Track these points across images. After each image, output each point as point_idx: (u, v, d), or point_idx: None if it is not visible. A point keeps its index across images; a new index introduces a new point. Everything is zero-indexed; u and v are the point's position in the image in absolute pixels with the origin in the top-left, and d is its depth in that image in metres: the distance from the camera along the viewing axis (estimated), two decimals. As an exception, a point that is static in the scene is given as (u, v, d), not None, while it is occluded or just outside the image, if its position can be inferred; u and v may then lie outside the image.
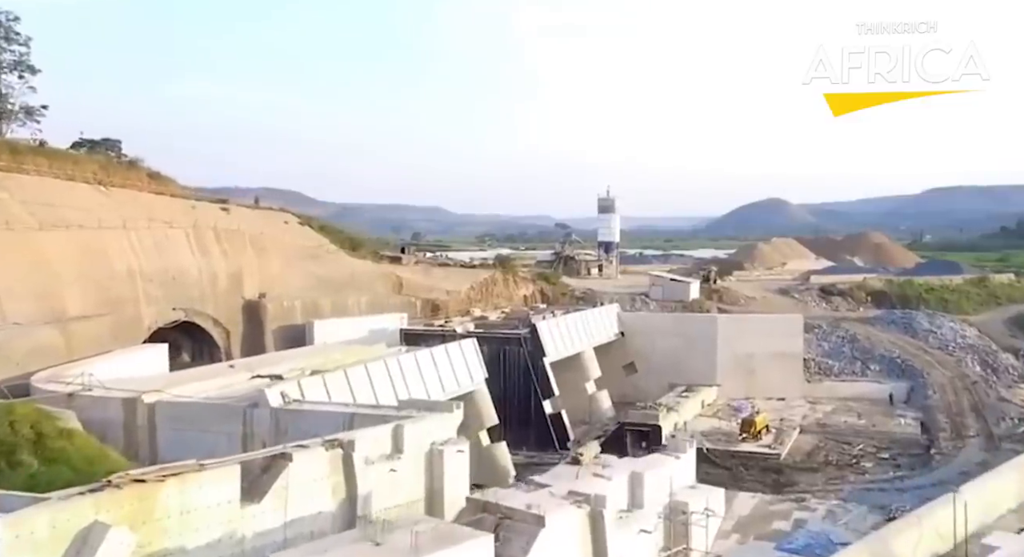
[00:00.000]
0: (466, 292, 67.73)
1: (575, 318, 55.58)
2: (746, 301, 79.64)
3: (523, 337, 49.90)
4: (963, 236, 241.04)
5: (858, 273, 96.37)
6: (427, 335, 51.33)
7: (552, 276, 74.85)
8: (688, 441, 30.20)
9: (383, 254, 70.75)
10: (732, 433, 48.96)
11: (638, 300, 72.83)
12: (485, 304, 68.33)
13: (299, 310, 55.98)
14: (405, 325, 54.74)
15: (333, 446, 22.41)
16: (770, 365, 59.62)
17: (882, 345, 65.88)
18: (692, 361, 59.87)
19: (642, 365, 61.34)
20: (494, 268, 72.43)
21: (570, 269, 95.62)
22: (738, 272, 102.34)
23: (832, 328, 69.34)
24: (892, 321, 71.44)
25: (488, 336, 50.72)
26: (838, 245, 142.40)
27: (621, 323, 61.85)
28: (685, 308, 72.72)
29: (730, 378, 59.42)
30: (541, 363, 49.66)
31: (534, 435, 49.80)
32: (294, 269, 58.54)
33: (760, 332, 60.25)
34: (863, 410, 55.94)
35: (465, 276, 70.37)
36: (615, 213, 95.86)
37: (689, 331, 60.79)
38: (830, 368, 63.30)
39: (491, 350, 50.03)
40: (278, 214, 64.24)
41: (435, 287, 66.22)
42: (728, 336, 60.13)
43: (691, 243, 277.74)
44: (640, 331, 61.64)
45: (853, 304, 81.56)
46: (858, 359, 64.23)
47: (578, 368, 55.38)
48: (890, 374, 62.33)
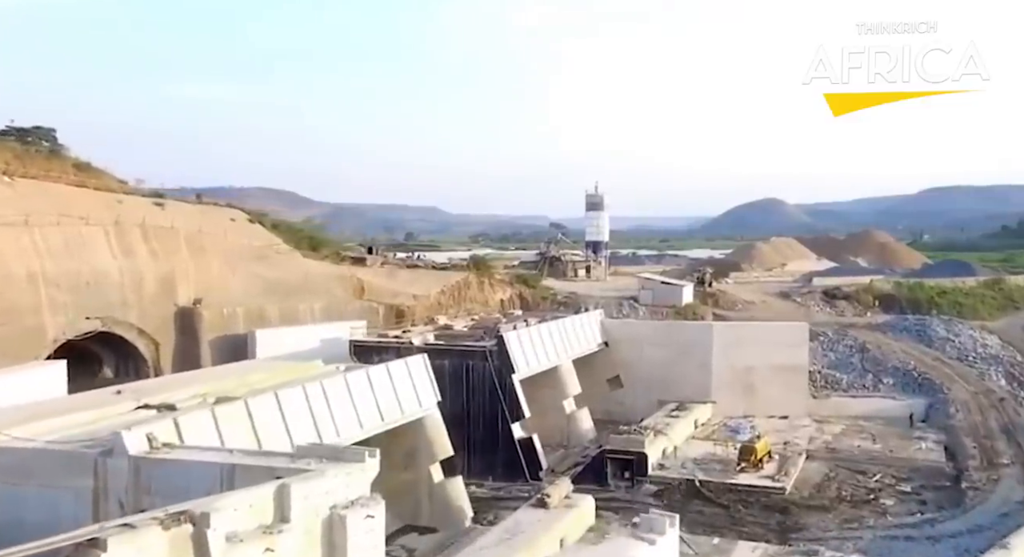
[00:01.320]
0: (435, 297, 60.92)
1: (552, 327, 48.68)
2: (744, 306, 72.81)
3: (488, 350, 43.00)
4: (964, 236, 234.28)
5: (863, 274, 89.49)
6: (380, 347, 44.42)
7: (532, 279, 68.04)
8: (668, 520, 23.05)
9: (346, 255, 63.86)
10: (729, 461, 42.04)
11: (626, 305, 65.94)
12: (457, 309, 61.56)
13: (241, 318, 49.08)
14: (363, 334, 47.79)
15: (177, 522, 15.35)
16: (772, 379, 52.78)
17: (895, 355, 59.01)
18: (684, 375, 53.06)
19: (629, 379, 54.49)
20: (467, 270, 65.52)
21: (556, 270, 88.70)
22: (735, 273, 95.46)
23: (838, 336, 62.46)
24: (904, 328, 64.55)
25: (449, 349, 43.88)
26: (840, 245, 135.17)
27: (605, 332, 54.98)
28: (677, 314, 65.82)
29: (727, 394, 52.61)
30: (509, 380, 42.74)
31: (501, 463, 42.90)
32: (237, 272, 51.64)
33: (761, 342, 53.36)
34: (877, 431, 49.10)
35: (436, 279, 63.52)
36: (604, 211, 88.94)
37: (681, 341, 53.93)
38: (838, 382, 56.44)
39: (452, 365, 43.28)
40: (223, 211, 57.35)
41: (400, 291, 59.39)
42: (725, 346, 53.28)
43: (687, 243, 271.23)
44: (626, 341, 54.75)
45: (860, 309, 74.70)
46: (869, 371, 57.37)
47: (554, 384, 48.51)
48: (905, 389, 55.48)
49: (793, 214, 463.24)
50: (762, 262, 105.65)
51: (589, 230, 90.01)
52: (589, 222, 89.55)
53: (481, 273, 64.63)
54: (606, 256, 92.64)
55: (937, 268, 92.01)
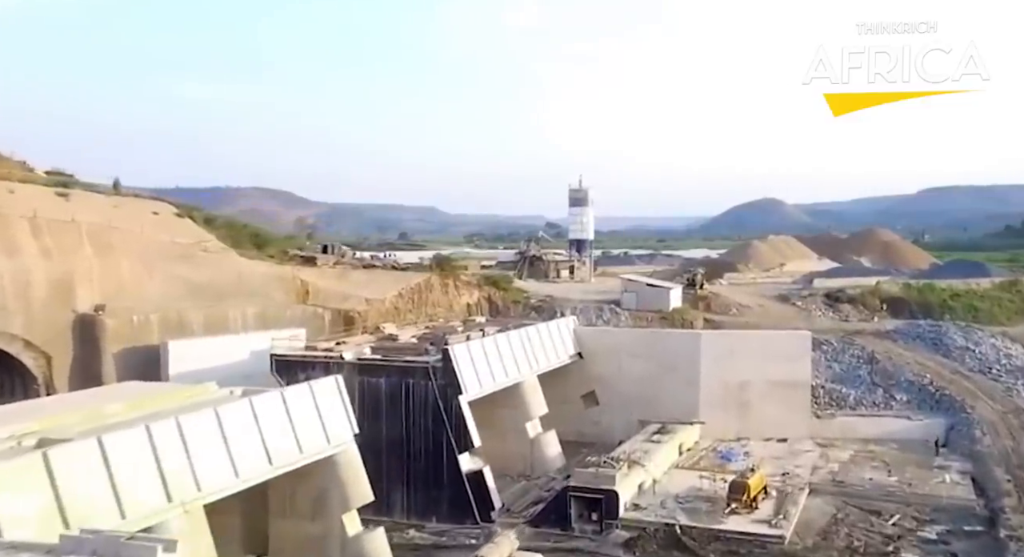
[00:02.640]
0: (392, 300, 53.64)
1: (513, 337, 41.42)
2: (739, 310, 65.43)
3: (432, 367, 35.73)
4: (967, 235, 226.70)
5: (867, 275, 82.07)
6: (305, 363, 37.25)
7: (502, 281, 60.74)
8: None
9: (295, 254, 56.59)
10: (717, 498, 34.82)
11: (606, 310, 58.60)
12: (417, 315, 54.36)
13: (156, 326, 41.92)
14: (300, 346, 40.59)
15: None
16: (769, 396, 45.60)
17: (908, 367, 51.62)
18: (669, 391, 45.89)
19: (605, 395, 47.29)
20: (431, 270, 58.20)
21: (537, 271, 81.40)
22: (730, 274, 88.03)
23: (844, 344, 55.06)
24: (917, 335, 57.15)
25: (386, 365, 36.66)
26: (842, 244, 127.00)
27: (578, 342, 47.73)
28: (664, 320, 58.49)
29: (717, 413, 45.43)
30: (456, 402, 35.47)
31: (446, 500, 35.70)
32: (155, 273, 44.48)
33: (756, 353, 46.11)
34: (892, 458, 41.90)
35: (394, 281, 56.21)
36: (589, 206, 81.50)
37: (665, 352, 46.65)
38: (844, 398, 49.06)
39: (390, 385, 36.23)
40: (145, 203, 50.05)
41: (351, 294, 52.13)
42: (716, 358, 46.03)
43: (684, 243, 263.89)
44: (603, 352, 47.50)
45: (866, 313, 67.26)
46: (879, 386, 50.00)
47: (516, 403, 41.29)
48: (921, 406, 48.13)
49: (792, 214, 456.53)
50: (759, 262, 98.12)
51: (572, 227, 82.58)
52: (573, 219, 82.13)
53: (445, 275, 57.28)
54: (591, 256, 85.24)
55: (947, 268, 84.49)
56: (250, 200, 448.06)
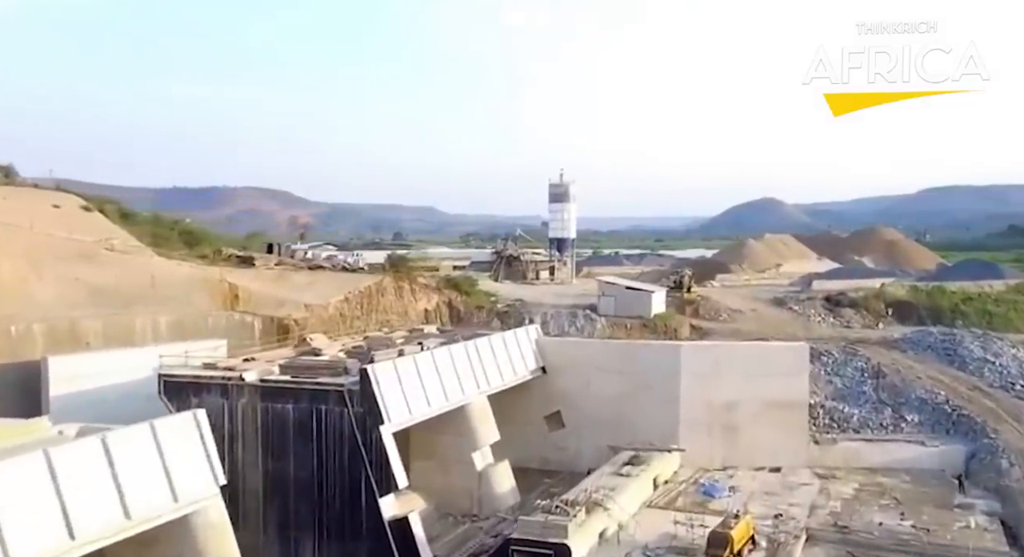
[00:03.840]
0: (336, 306, 47.07)
1: (459, 352, 34.70)
2: (730, 315, 58.70)
3: (347, 391, 29.07)
4: (970, 235, 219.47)
5: (870, 277, 75.30)
6: (199, 385, 30.65)
7: (465, 283, 54.07)
8: None
9: (231, 254, 50.02)
10: (695, 551, 28.14)
11: (580, 316, 51.93)
12: (366, 322, 47.84)
13: (40, 338, 35.40)
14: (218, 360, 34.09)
15: None
16: (760, 419, 38.93)
17: (919, 382, 44.83)
18: (644, 412, 39.28)
19: (572, 417, 40.64)
20: (384, 272, 51.50)
21: (515, 272, 74.82)
22: (723, 275, 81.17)
23: (846, 356, 48.27)
24: (928, 345, 50.33)
25: (295, 389, 29.98)
26: (843, 243, 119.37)
27: (542, 355, 41.03)
28: (645, 327, 51.85)
29: (700, 438, 38.77)
30: (376, 434, 28.82)
31: (366, 552, 29.08)
32: (46, 274, 38.01)
33: (746, 368, 39.40)
34: (904, 494, 35.18)
35: (342, 284, 49.60)
36: (570, 202, 74.73)
37: (641, 367, 39.94)
38: (846, 419, 42.34)
39: (299, 412, 29.58)
40: (44, 194, 43.68)
41: (289, 300, 45.56)
42: (698, 374, 39.35)
43: (682, 243, 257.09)
44: (570, 366, 40.80)
45: (870, 318, 60.50)
46: (886, 405, 43.25)
47: (461, 429, 34.59)
48: (936, 429, 41.39)
49: (791, 214, 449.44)
50: (754, 262, 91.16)
51: (553, 225, 75.80)
52: (552, 216, 75.35)
53: (400, 277, 50.60)
54: (573, 256, 78.48)
55: (957, 269, 77.50)
56: (248, 200, 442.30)
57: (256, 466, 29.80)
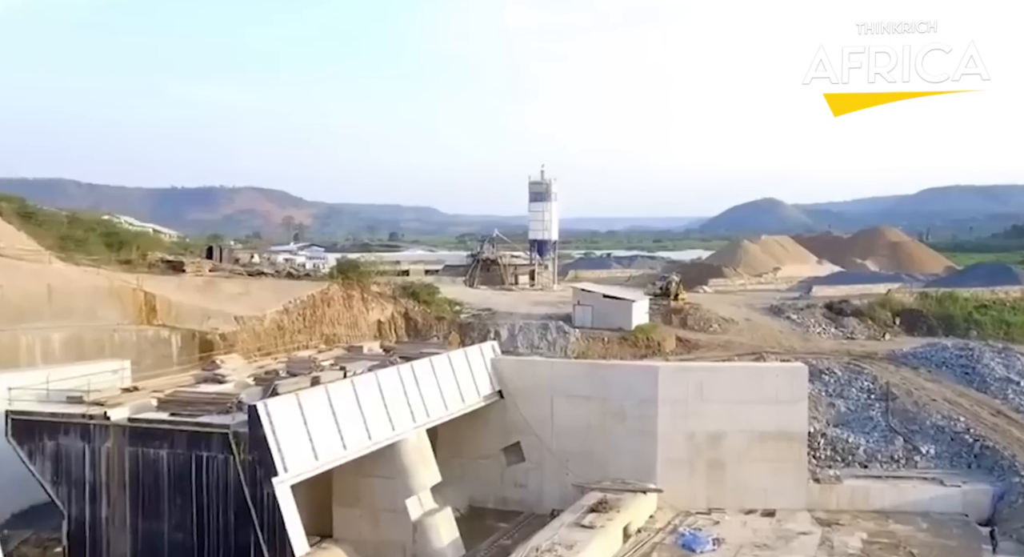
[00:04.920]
0: (274, 318, 41.24)
1: (389, 378, 28.68)
2: (721, 325, 52.75)
3: (232, 433, 23.14)
4: (972, 236, 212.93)
5: (875, 282, 69.31)
6: (55, 425, 24.69)
7: (425, 291, 48.14)
8: None
9: (160, 258, 44.16)
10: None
11: (553, 328, 45.98)
12: (309, 335, 42.06)
13: None
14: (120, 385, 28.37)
15: None
16: (751, 453, 32.96)
17: (934, 406, 38.86)
18: (616, 445, 33.39)
19: (534, 450, 34.65)
20: (331, 279, 45.52)
21: (492, 276, 68.99)
22: (716, 280, 75.12)
23: (850, 374, 42.40)
24: (943, 361, 44.27)
25: (170, 429, 24.03)
26: (845, 245, 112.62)
27: (499, 377, 35.00)
28: (625, 340, 45.93)
29: (680, 476, 32.85)
30: (268, 488, 22.89)
31: (259, 635, 23.19)
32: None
33: (735, 394, 33.39)
34: (922, 547, 29.15)
35: (283, 293, 43.74)
36: (552, 201, 68.73)
37: (612, 392, 33.90)
38: (851, 450, 36.37)
39: (176, 460, 23.69)
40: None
41: (217, 311, 39.72)
42: (678, 401, 33.35)
43: (681, 243, 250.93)
44: (531, 391, 34.77)
45: (875, 329, 54.54)
46: (898, 433, 37.27)
47: (393, 471, 28.54)
48: (955, 463, 35.42)
49: (791, 214, 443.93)
50: (750, 265, 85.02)
51: (533, 226, 69.75)
52: (533, 216, 69.24)
53: (349, 284, 44.63)
54: (555, 259, 72.45)
55: (968, 274, 71.23)
56: (246, 200, 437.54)
57: (123, 527, 23.94)
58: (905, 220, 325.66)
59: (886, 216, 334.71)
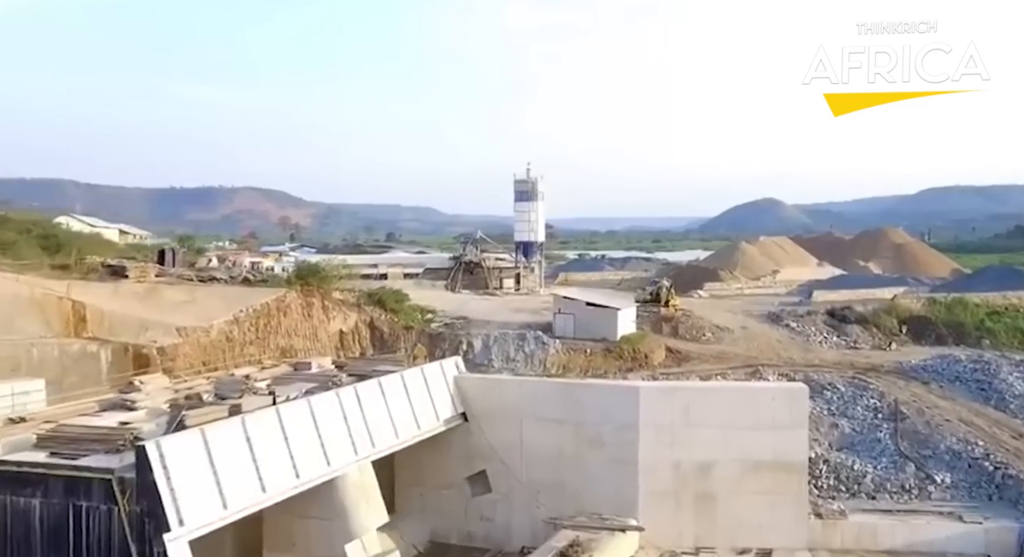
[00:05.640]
0: (222, 329, 37.20)
1: (325, 404, 24.62)
2: (715, 334, 48.71)
3: (116, 479, 19.14)
4: (975, 236, 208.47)
5: (879, 286, 65.14)
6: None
7: (392, 298, 44.12)
8: None
9: (101, 263, 40.20)
10: None
11: (530, 339, 41.94)
12: (261, 348, 38.06)
13: None
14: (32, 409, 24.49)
15: None
16: (745, 485, 28.91)
17: (949, 427, 34.88)
18: (592, 475, 29.40)
19: (501, 480, 30.64)
20: (289, 285, 41.48)
21: (476, 280, 64.95)
22: (711, 284, 71.04)
23: (855, 390, 38.41)
24: (956, 375, 40.26)
25: (44, 475, 20.02)
26: (846, 246, 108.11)
27: (463, 397, 31.01)
28: (609, 352, 41.90)
29: (664, 511, 28.82)
30: (159, 547, 18.83)
31: None
32: None
33: (726, 418, 29.34)
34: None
35: (235, 300, 39.72)
36: (538, 201, 64.60)
37: (588, 415, 29.89)
38: (857, 478, 32.36)
39: (51, 511, 19.64)
40: None
41: (157, 322, 35.71)
42: (663, 426, 29.32)
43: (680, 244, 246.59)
44: (498, 413, 30.76)
45: (880, 337, 50.41)
46: (909, 458, 33.25)
47: (331, 512, 24.61)
48: (974, 494, 31.42)
49: (791, 214, 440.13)
50: (748, 268, 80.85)
51: (518, 226, 65.63)
52: (519, 216, 65.06)
53: (308, 291, 40.62)
54: (542, 262, 68.34)
55: (977, 278, 67.16)
56: (245, 200, 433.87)
57: (-10, 589, 19.95)
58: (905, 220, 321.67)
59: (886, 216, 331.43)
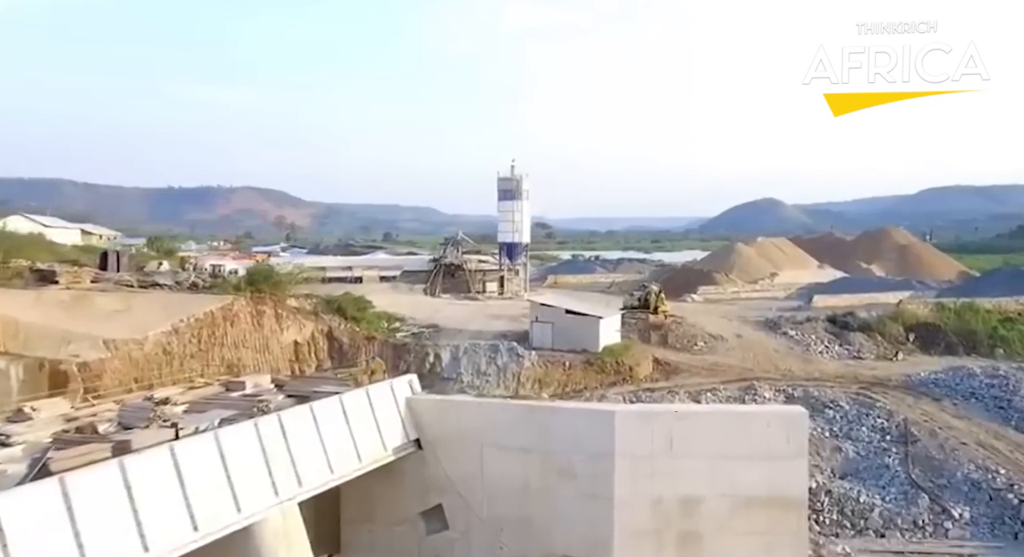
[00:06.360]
0: (158, 340, 33.37)
1: (242, 436, 20.76)
2: (708, 343, 44.87)
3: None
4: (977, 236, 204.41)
5: (883, 290, 61.26)
6: None
7: (354, 305, 40.25)
8: None
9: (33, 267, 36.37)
10: None
11: (504, 350, 38.04)
12: (204, 362, 34.20)
13: None
14: None
15: None
16: (735, 523, 24.85)
17: (965, 452, 31.01)
18: (562, 511, 25.39)
19: (459, 515, 26.65)
20: (238, 291, 37.58)
21: (457, 283, 61.15)
22: (706, 287, 67.09)
23: (859, 407, 34.61)
24: (971, 391, 36.44)
25: None
26: (848, 248, 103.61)
27: (416, 422, 27.09)
28: (590, 365, 37.99)
29: (643, 553, 24.71)
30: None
31: None
32: None
33: (714, 447, 25.30)
34: None
35: (179, 307, 35.89)
36: (522, 200, 60.68)
37: (557, 443, 25.88)
38: (863, 512, 28.49)
39: None
40: None
41: (84, 334, 31.88)
42: (642, 456, 25.29)
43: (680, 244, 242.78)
44: (455, 440, 26.78)
45: (886, 347, 46.62)
46: (921, 488, 29.39)
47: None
48: (996, 531, 27.52)
49: (791, 214, 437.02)
50: (745, 270, 76.75)
51: (502, 226, 61.64)
52: (502, 216, 61.30)
53: (259, 299, 36.73)
54: (526, 264, 64.37)
55: (986, 281, 63.20)
56: (243, 200, 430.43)
57: None
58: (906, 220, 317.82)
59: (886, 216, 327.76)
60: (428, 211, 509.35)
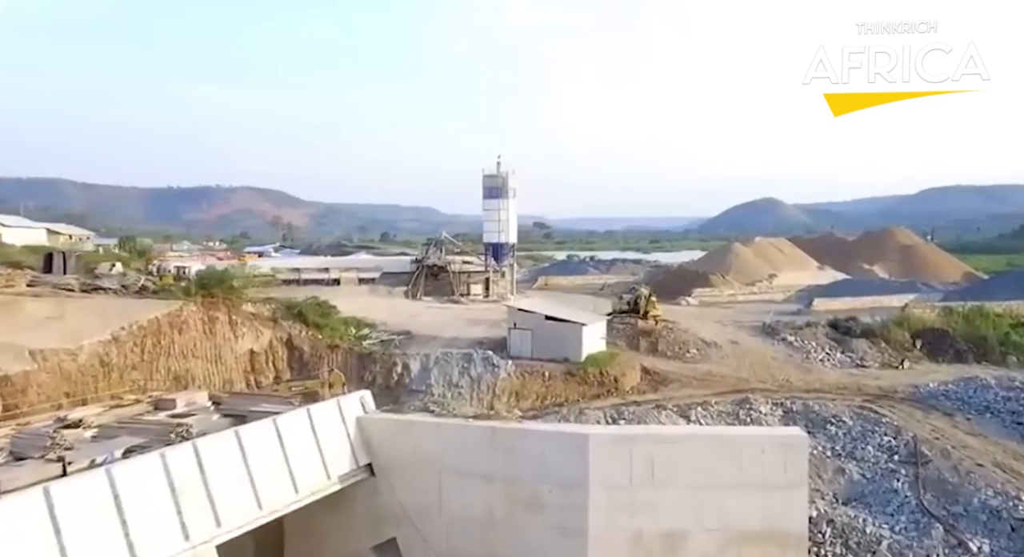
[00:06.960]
0: (95, 351, 30.23)
1: (134, 473, 17.70)
2: (701, 351, 41.74)
3: None
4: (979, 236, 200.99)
5: (886, 293, 58.09)
6: None
7: (316, 310, 37.17)
8: None
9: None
10: None
11: (479, 359, 34.88)
12: (148, 374, 31.07)
13: None
14: None
15: None
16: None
17: (982, 475, 27.82)
18: (530, 546, 22.34)
19: (415, 550, 23.56)
20: (188, 297, 34.42)
21: (440, 286, 58.04)
22: (701, 290, 63.88)
23: (864, 423, 31.45)
24: (985, 404, 33.27)
25: None
26: (849, 248, 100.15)
27: (367, 445, 24.00)
28: (571, 376, 34.81)
29: (621, 598, 21.71)
30: None
31: None
32: None
33: (702, 475, 22.22)
34: None
35: (120, 314, 32.73)
36: (509, 199, 57.53)
37: (524, 468, 22.81)
38: (871, 544, 25.28)
39: None
40: None
41: (7, 343, 28.79)
42: (620, 485, 22.22)
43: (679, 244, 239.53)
44: (411, 466, 23.71)
45: (891, 354, 43.49)
46: (934, 517, 26.18)
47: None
48: (1019, 566, 24.41)
49: (791, 214, 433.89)
50: (742, 271, 73.45)
51: (487, 226, 58.46)
52: (487, 215, 58.12)
53: (211, 304, 33.60)
54: (513, 266, 61.19)
55: (996, 283, 59.89)
56: (242, 200, 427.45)
57: None
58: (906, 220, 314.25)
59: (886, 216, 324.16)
60: (428, 211, 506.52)
